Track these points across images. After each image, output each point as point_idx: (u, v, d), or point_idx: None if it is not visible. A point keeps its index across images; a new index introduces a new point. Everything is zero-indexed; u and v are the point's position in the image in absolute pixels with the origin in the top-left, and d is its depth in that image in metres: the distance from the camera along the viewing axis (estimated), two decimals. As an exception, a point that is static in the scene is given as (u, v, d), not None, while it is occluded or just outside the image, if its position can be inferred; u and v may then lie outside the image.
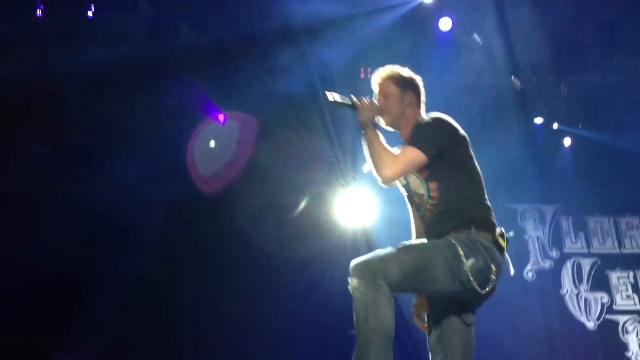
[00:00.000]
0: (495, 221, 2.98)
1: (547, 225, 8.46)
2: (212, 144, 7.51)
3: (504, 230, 2.95)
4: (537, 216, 8.48)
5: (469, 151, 3.07)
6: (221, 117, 7.36)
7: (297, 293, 7.30)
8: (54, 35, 5.86)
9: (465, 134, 3.08)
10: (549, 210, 8.52)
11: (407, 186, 3.17)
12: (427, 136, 2.97)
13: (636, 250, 8.32)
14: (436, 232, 2.94)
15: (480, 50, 7.20)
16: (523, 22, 7.37)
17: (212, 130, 7.46)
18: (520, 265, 8.14)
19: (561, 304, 8.08)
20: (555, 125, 8.23)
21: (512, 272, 3.02)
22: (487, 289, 2.81)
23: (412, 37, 6.89)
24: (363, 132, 3.05)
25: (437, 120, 3.06)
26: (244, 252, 7.33)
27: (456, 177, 2.98)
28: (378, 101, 3.20)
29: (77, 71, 6.24)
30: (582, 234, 8.41)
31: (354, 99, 3.14)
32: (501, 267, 2.90)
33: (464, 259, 2.75)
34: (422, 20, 6.83)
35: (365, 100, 3.13)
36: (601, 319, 8.03)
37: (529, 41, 7.39)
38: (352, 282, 2.69)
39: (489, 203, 3.04)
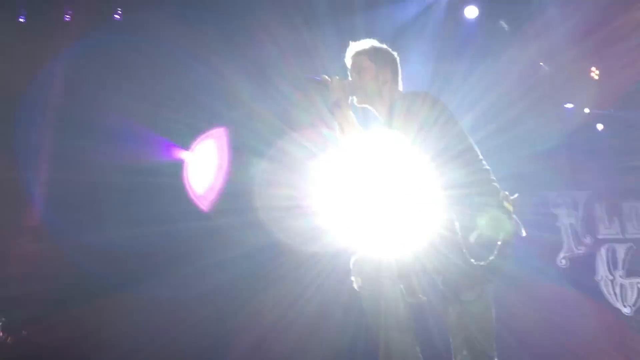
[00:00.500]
0: (497, 185, 2.85)
1: (580, 212, 8.34)
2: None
3: (507, 193, 2.82)
4: (569, 203, 8.36)
5: (454, 121, 2.92)
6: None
7: (324, 288, 7.31)
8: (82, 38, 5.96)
9: (445, 104, 2.92)
10: (581, 196, 8.40)
11: (396, 172, 3.00)
12: (405, 116, 2.82)
13: (672, 235, 8.20)
14: (438, 207, 2.79)
15: (508, 36, 7.13)
16: (551, 6, 7.28)
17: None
18: (553, 253, 8.07)
19: (596, 290, 7.98)
20: (586, 110, 8.11)
21: (524, 233, 2.85)
22: (494, 255, 2.67)
23: (441, 25, 6.83)
24: (334, 113, 2.93)
25: (414, 98, 2.90)
26: (270, 244, 7.37)
27: (448, 151, 2.84)
28: (352, 77, 3.04)
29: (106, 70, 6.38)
30: (616, 220, 8.28)
31: (325, 77, 3.02)
32: (511, 233, 2.77)
33: (468, 233, 2.64)
34: (450, 8, 6.77)
35: (336, 78, 3.00)
36: (637, 304, 7.91)
37: (557, 25, 7.29)
38: (356, 280, 2.64)
39: (487, 167, 2.91)
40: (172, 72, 6.68)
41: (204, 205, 7.45)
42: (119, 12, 6.08)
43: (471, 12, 6.78)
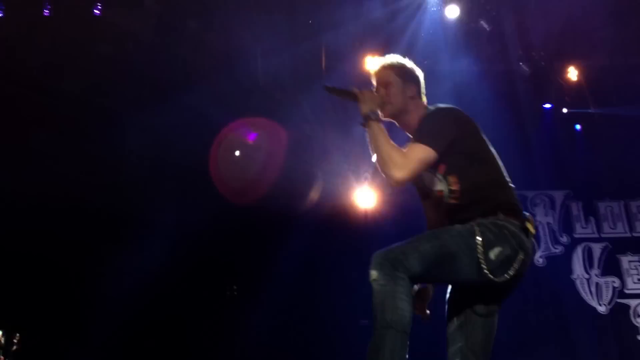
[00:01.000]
0: (520, 205, 2.88)
1: (557, 211, 8.45)
2: (237, 153, 7.52)
3: (530, 216, 2.85)
4: (547, 202, 8.47)
5: (481, 136, 2.95)
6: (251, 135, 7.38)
7: (309, 284, 7.34)
8: (62, 34, 5.87)
9: (472, 119, 2.95)
10: (558, 195, 8.51)
11: (420, 184, 3.05)
12: (435, 130, 2.83)
13: (647, 234, 8.34)
14: (461, 220, 2.82)
15: (488, 36, 7.17)
16: (531, 7, 7.34)
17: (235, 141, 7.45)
18: (530, 251, 8.15)
19: (572, 289, 8.08)
20: (564, 110, 8.20)
21: (540, 260, 2.96)
22: (510, 274, 2.69)
23: (420, 25, 6.87)
24: (367, 125, 2.92)
25: (442, 112, 2.93)
26: (255, 242, 7.37)
27: (475, 165, 2.87)
28: (378, 92, 3.06)
29: (84, 69, 6.29)
30: (592, 219, 8.40)
31: (355, 89, 3.03)
32: (530, 253, 2.79)
33: (489, 248, 2.67)
34: (430, 7, 6.81)
35: (367, 91, 3.02)
36: (612, 303, 8.04)
37: (537, 26, 7.36)
38: (372, 274, 2.62)
39: (512, 185, 2.94)
40: None
41: (236, 200, 7.09)
42: (99, 7, 5.98)
43: (452, 11, 6.80)
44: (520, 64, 7.57)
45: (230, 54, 6.82)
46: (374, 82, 3.13)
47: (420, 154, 2.79)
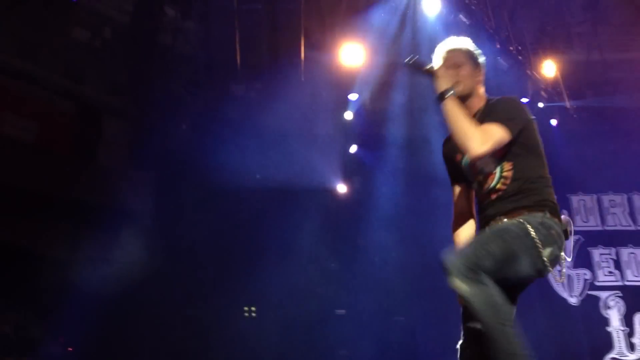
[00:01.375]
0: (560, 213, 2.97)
1: (530, 204, 8.54)
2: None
3: (569, 219, 2.97)
4: (521, 195, 8.55)
5: (537, 133, 3.04)
6: None
7: (287, 275, 7.35)
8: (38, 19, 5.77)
9: (534, 117, 3.06)
10: (533, 189, 8.60)
11: (470, 164, 3.06)
12: (513, 115, 2.91)
13: (618, 227, 8.45)
14: (505, 209, 2.92)
15: (467, 30, 7.19)
16: (509, 1, 7.40)
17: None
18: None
19: (544, 280, 8.11)
20: (540, 105, 8.27)
21: (569, 259, 3.06)
22: (563, 278, 2.90)
23: (399, 20, 6.89)
24: (443, 102, 2.91)
25: (516, 100, 3.05)
26: (233, 232, 7.36)
27: (530, 157, 2.96)
28: (449, 72, 3.03)
29: (60, 54, 6.19)
30: (565, 212, 8.47)
31: (432, 66, 3.02)
32: (564, 253, 2.92)
33: (542, 249, 2.77)
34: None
35: (443, 68, 3.01)
36: (583, 295, 8.17)
37: (515, 21, 7.42)
38: (457, 284, 2.68)
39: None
40: None
41: None
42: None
43: (432, 6, 6.79)
44: (498, 58, 7.61)
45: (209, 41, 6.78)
46: (445, 62, 3.10)
47: (499, 133, 2.85)
